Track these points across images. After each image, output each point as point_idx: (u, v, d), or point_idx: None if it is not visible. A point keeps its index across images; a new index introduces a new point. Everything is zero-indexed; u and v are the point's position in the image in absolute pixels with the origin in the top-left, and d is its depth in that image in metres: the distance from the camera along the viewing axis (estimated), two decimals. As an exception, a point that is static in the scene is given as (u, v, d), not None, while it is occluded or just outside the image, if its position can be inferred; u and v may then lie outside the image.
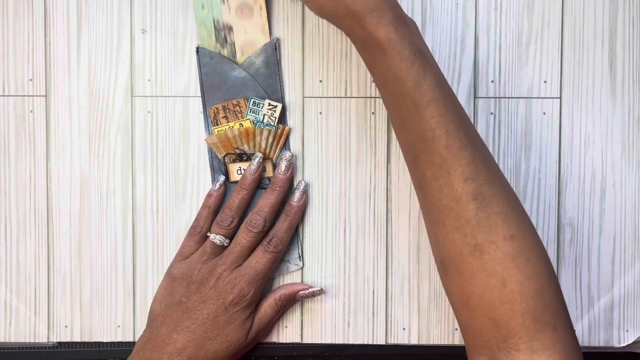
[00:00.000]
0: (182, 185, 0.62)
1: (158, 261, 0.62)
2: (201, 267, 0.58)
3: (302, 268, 0.61)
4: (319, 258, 0.62)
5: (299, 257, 0.61)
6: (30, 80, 0.62)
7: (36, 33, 0.62)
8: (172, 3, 0.61)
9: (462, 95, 0.61)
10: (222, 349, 0.58)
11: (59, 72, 0.62)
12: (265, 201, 0.59)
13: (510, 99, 0.61)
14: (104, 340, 0.62)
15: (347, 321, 0.62)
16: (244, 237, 0.59)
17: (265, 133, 0.60)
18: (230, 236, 0.60)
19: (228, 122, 0.60)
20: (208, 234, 0.59)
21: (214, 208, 0.60)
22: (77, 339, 0.62)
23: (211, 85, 0.61)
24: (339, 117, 0.61)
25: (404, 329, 0.61)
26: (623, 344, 0.61)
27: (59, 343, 0.62)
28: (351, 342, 0.62)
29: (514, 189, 0.61)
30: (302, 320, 0.62)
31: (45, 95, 0.62)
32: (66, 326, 0.62)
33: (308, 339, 0.62)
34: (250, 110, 0.60)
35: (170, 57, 0.61)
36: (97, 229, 0.62)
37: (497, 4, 0.61)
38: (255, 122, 0.60)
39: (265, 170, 0.61)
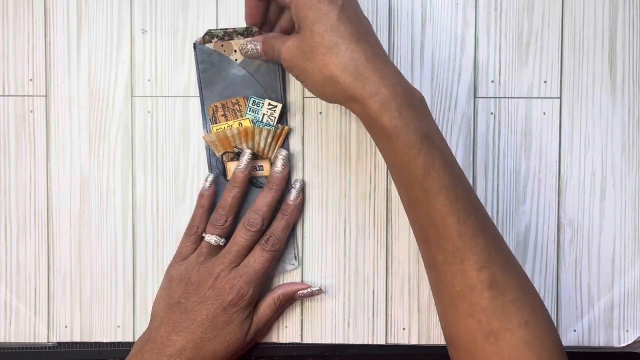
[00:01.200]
0: (182, 185, 0.62)
1: (158, 261, 0.62)
2: (199, 268, 0.58)
3: (297, 268, 0.61)
4: (319, 258, 0.62)
5: (295, 257, 0.61)
6: (30, 80, 0.62)
7: (36, 33, 0.62)
8: (172, 3, 0.61)
9: (462, 95, 0.61)
10: (221, 350, 0.58)
11: (59, 72, 0.62)
12: (263, 200, 0.59)
13: (510, 99, 0.61)
14: (104, 341, 0.62)
15: (347, 321, 0.62)
16: (241, 236, 0.59)
17: (264, 133, 0.60)
18: (226, 235, 0.59)
19: (227, 120, 0.60)
20: (203, 235, 0.59)
21: (208, 207, 0.60)
22: (77, 339, 0.62)
23: (209, 82, 0.61)
24: (339, 117, 0.61)
25: (404, 329, 0.61)
26: (623, 344, 0.61)
27: (59, 343, 0.62)
28: (351, 342, 0.62)
29: (514, 189, 0.61)
30: (302, 320, 0.62)
31: (45, 95, 0.62)
32: (66, 326, 0.62)
33: (308, 339, 0.62)
34: (250, 109, 0.60)
35: (170, 57, 0.61)
36: (97, 229, 0.62)
37: (497, 4, 0.61)
38: (255, 121, 0.60)
39: (257, 170, 0.61)
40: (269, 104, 0.60)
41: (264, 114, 0.60)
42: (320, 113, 0.61)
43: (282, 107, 0.60)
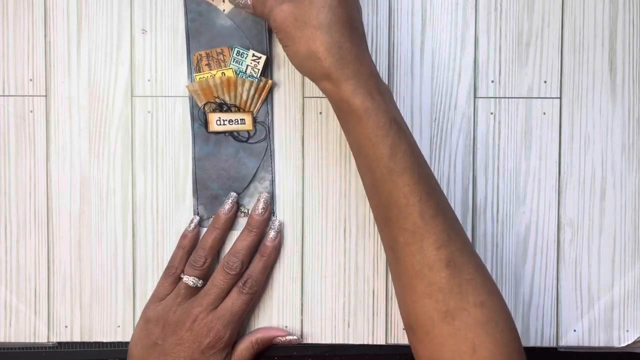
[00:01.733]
0: (182, 185, 0.62)
1: (158, 261, 0.62)
2: (176, 309, 0.58)
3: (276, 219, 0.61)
4: (319, 258, 0.62)
5: (273, 212, 0.61)
6: (30, 80, 0.62)
7: (36, 33, 0.62)
8: (172, 3, 0.61)
9: (462, 95, 0.61)
10: None
11: (59, 72, 0.62)
12: (242, 243, 0.60)
13: (510, 99, 0.61)
14: (104, 341, 0.62)
15: (347, 321, 0.62)
16: (220, 279, 0.59)
17: (247, 84, 0.59)
18: (204, 277, 0.60)
19: (210, 70, 0.60)
20: (182, 276, 0.60)
21: (189, 249, 0.60)
22: (77, 339, 0.62)
23: (196, 31, 0.61)
24: (339, 117, 0.61)
25: (404, 329, 0.61)
26: (623, 344, 0.61)
27: (59, 343, 0.62)
28: (351, 342, 0.62)
29: (514, 189, 0.61)
30: (302, 320, 0.62)
31: (45, 95, 0.62)
32: (66, 326, 0.62)
33: (308, 340, 0.62)
34: (234, 59, 0.60)
35: (170, 57, 0.61)
36: (97, 229, 0.62)
37: (497, 4, 0.61)
38: (238, 72, 0.60)
39: (238, 123, 0.60)
40: (253, 55, 0.60)
41: (247, 65, 0.60)
42: (320, 113, 0.61)
43: (266, 59, 0.60)
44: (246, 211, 0.61)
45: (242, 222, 0.61)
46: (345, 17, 0.51)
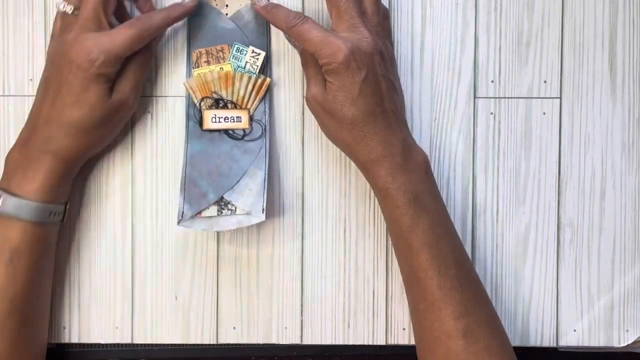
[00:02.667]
0: (182, 185, 0.61)
1: (157, 262, 0.62)
2: (54, 42, 0.57)
3: (263, 221, 0.59)
4: (319, 258, 0.61)
5: (262, 210, 0.58)
6: (30, 80, 0.62)
7: (36, 33, 0.62)
8: (172, 3, 0.61)
9: (462, 95, 0.61)
10: (82, 116, 0.55)
11: (59, 72, 0.61)
12: None
13: (510, 99, 0.61)
14: (103, 342, 0.62)
15: (347, 322, 0.62)
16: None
17: (245, 79, 0.59)
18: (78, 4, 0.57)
19: (209, 65, 0.60)
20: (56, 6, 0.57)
21: None
22: (75, 340, 0.62)
23: (198, 32, 0.61)
24: (339, 117, 0.61)
25: (404, 329, 0.61)
26: (623, 344, 0.61)
27: (57, 344, 0.62)
28: (351, 342, 0.61)
29: (514, 189, 0.61)
30: (302, 321, 0.62)
31: (45, 95, 0.62)
32: (64, 327, 0.62)
33: (308, 340, 0.62)
34: (233, 56, 0.60)
35: (170, 58, 0.61)
36: (97, 230, 0.62)
37: (497, 4, 0.61)
38: (237, 68, 0.60)
39: (234, 121, 0.60)
40: (253, 52, 0.60)
41: (246, 62, 0.60)
42: (321, 113, 0.61)
43: (265, 57, 0.60)
44: (233, 209, 0.59)
45: (227, 220, 0.59)
46: (368, 105, 0.54)
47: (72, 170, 0.57)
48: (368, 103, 0.54)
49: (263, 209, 0.58)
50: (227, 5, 0.61)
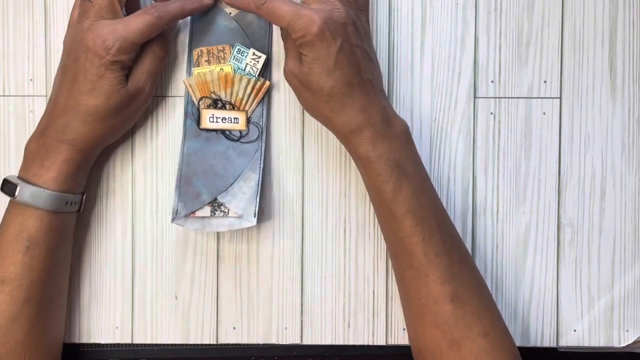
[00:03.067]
0: (182, 185, 0.61)
1: (157, 262, 0.62)
2: (71, 30, 0.57)
3: (254, 225, 0.59)
4: (319, 258, 0.61)
5: (254, 214, 0.59)
6: (31, 80, 0.62)
7: (36, 33, 0.62)
8: (172, 3, 0.61)
9: (462, 95, 0.61)
10: (100, 103, 0.55)
11: (59, 72, 0.61)
12: None
13: (510, 99, 0.61)
14: (103, 342, 0.62)
15: (347, 322, 0.62)
16: None
17: (244, 82, 0.59)
18: None
19: (209, 65, 0.60)
20: None
21: None
22: (75, 340, 0.62)
23: (200, 31, 0.61)
24: (339, 117, 0.61)
25: (404, 329, 0.61)
26: (623, 344, 0.61)
27: (58, 344, 0.62)
28: (351, 343, 0.61)
29: (514, 189, 0.61)
30: (302, 321, 0.62)
31: (46, 95, 0.62)
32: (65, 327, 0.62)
33: (308, 341, 0.62)
34: (234, 57, 0.60)
35: (171, 57, 0.61)
36: (97, 230, 0.62)
37: (497, 4, 0.61)
38: (237, 69, 0.60)
39: (232, 121, 0.60)
40: (254, 54, 0.60)
41: (247, 64, 0.60)
42: (321, 113, 0.61)
43: (266, 60, 0.60)
44: (226, 211, 0.59)
45: (219, 222, 0.59)
46: (345, 76, 0.53)
47: (88, 159, 0.57)
48: (345, 74, 0.53)
49: (255, 214, 0.59)
50: None
